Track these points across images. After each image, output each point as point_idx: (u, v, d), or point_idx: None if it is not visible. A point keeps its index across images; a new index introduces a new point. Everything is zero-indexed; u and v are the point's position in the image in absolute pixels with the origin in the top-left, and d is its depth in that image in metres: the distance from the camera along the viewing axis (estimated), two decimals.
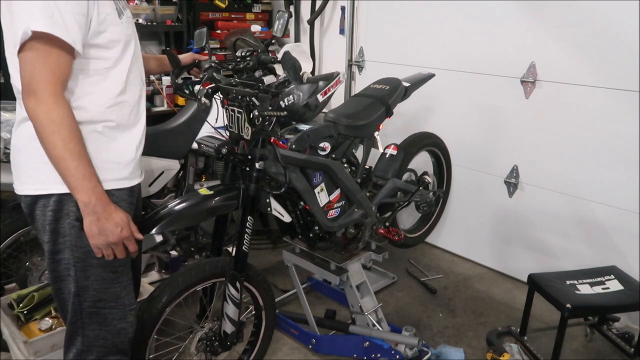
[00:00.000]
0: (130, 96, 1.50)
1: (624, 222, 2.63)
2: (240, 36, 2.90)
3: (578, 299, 2.17)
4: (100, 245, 1.40)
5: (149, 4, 3.52)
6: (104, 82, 1.42)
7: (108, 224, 1.37)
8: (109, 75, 1.42)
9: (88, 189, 1.33)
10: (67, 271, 1.47)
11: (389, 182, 2.43)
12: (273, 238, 3.44)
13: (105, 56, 1.40)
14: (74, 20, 1.27)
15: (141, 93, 1.57)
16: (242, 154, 1.87)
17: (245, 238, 1.87)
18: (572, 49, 2.67)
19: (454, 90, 3.20)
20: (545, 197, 2.93)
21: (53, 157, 1.30)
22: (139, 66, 1.57)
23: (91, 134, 1.40)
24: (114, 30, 1.39)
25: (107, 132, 1.44)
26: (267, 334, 2.19)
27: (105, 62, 1.41)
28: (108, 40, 1.39)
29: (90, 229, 1.37)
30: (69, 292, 1.49)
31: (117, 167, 1.48)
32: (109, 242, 1.40)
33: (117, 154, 1.48)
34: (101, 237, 1.38)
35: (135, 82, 1.52)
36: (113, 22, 1.39)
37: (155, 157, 2.52)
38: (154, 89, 3.40)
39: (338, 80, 1.96)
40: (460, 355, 2.39)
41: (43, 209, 1.42)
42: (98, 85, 1.41)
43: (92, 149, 1.39)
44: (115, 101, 1.44)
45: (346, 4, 3.64)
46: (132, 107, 1.51)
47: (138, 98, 1.54)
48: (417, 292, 3.02)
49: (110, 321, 1.55)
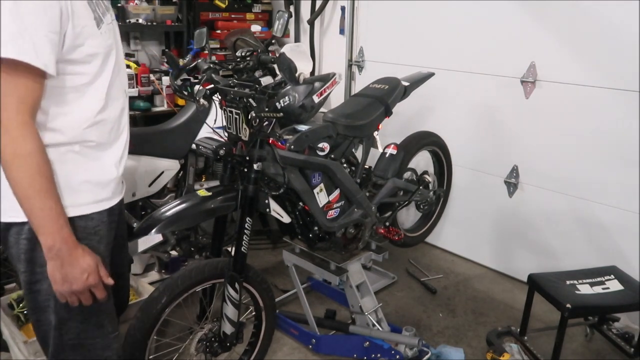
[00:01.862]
0: (111, 112, 1.37)
1: (624, 222, 2.62)
2: (240, 36, 2.90)
3: (578, 299, 2.17)
4: (64, 293, 1.28)
5: (149, 4, 3.52)
6: (81, 99, 1.29)
7: (73, 270, 1.25)
8: (87, 92, 1.30)
9: (53, 231, 1.22)
10: (47, 302, 1.36)
11: (388, 181, 2.42)
12: (273, 238, 3.44)
13: (83, 71, 1.28)
14: (45, 40, 1.15)
15: (123, 106, 1.44)
16: (240, 155, 1.87)
17: (244, 239, 1.87)
18: (572, 49, 2.67)
19: (454, 90, 3.20)
20: (545, 197, 2.93)
21: (17, 194, 1.19)
22: (121, 77, 1.44)
23: (67, 154, 1.29)
24: (92, 44, 1.27)
25: (85, 152, 1.33)
26: (267, 334, 2.19)
27: (82, 78, 1.28)
28: (85, 55, 1.26)
29: (54, 275, 1.25)
30: (49, 324, 1.38)
31: (96, 188, 1.37)
32: (74, 290, 1.28)
33: (96, 173, 1.37)
34: (65, 284, 1.26)
35: (117, 95, 1.39)
36: (91, 34, 1.26)
37: (155, 157, 2.52)
38: (154, 89, 3.40)
39: (334, 81, 1.96)
40: (460, 355, 2.39)
41: (17, 237, 1.30)
42: (75, 104, 1.29)
43: (68, 169, 1.29)
44: (94, 120, 1.32)
45: (346, 4, 3.64)
46: (112, 124, 1.39)
47: (120, 112, 1.42)
48: (417, 292, 3.02)
49: (94, 351, 1.45)
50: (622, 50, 2.48)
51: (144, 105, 3.33)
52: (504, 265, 3.23)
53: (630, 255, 2.62)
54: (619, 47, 2.49)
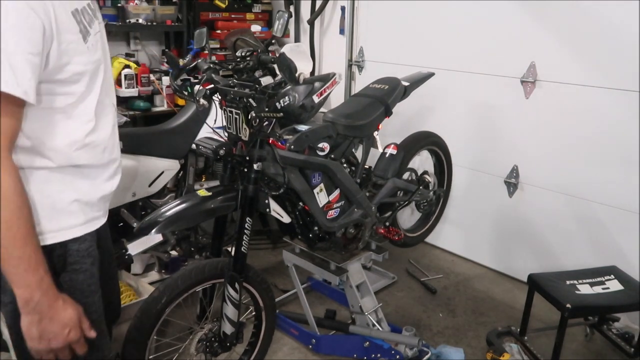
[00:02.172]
0: (101, 133, 1.26)
1: (624, 222, 2.62)
2: (240, 36, 2.90)
3: (578, 299, 2.17)
4: (40, 351, 1.13)
5: (149, 4, 3.52)
6: (68, 121, 1.17)
7: (53, 325, 1.11)
8: (74, 113, 1.18)
9: (32, 283, 1.07)
10: None
11: (389, 181, 2.42)
12: (273, 238, 3.44)
13: (69, 91, 1.15)
14: (25, 63, 1.01)
15: (113, 122, 1.33)
16: (240, 155, 1.87)
17: (244, 239, 1.87)
18: (572, 49, 2.67)
19: (453, 90, 3.20)
20: (545, 197, 2.93)
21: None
22: (110, 91, 1.32)
23: (53, 173, 1.18)
24: (79, 61, 1.14)
25: (74, 171, 1.22)
26: (267, 334, 2.19)
27: (69, 98, 1.16)
28: (72, 74, 1.13)
29: (30, 332, 1.10)
30: None
31: (87, 207, 1.26)
32: (52, 348, 1.13)
33: (86, 192, 1.26)
34: (43, 341, 1.11)
35: (105, 111, 1.28)
36: (77, 50, 1.13)
37: (155, 157, 2.52)
38: (154, 89, 3.40)
39: (334, 81, 1.96)
40: (460, 355, 2.39)
41: None
42: (61, 126, 1.16)
43: (56, 189, 1.19)
44: (83, 142, 1.20)
45: (346, 4, 3.64)
46: (105, 145, 1.28)
47: (111, 130, 1.31)
48: (417, 292, 3.02)
49: None
50: (622, 50, 2.48)
51: (144, 105, 3.33)
52: (504, 265, 3.23)
53: (630, 255, 2.62)
54: (619, 47, 2.49)
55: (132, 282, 2.69)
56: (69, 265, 1.24)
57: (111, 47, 3.91)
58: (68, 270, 1.24)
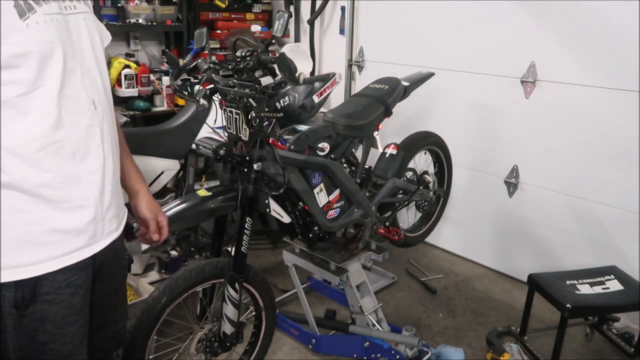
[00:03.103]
0: (71, 132, 1.05)
1: (624, 222, 2.62)
2: (240, 36, 2.90)
3: (578, 299, 2.17)
4: None
5: (149, 4, 3.52)
6: (22, 117, 0.99)
7: None
8: (28, 107, 0.99)
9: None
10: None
11: (388, 181, 2.42)
12: (273, 238, 3.44)
13: (13, 79, 0.97)
14: None
15: (91, 122, 1.11)
16: (240, 155, 1.87)
17: (244, 239, 1.87)
18: (572, 49, 2.67)
19: (454, 90, 3.20)
20: (545, 197, 2.93)
21: None
22: (86, 83, 1.11)
23: (17, 199, 1.00)
24: (15, 40, 0.95)
25: (43, 192, 1.03)
26: (267, 334, 2.19)
27: (15, 88, 0.97)
28: (8, 56, 0.95)
29: None
30: None
31: (68, 236, 1.08)
32: None
33: (65, 217, 1.07)
34: None
35: (80, 109, 1.08)
36: (9, 28, 0.94)
37: (155, 157, 2.52)
38: (154, 89, 3.40)
39: (334, 81, 1.96)
40: (460, 355, 2.39)
41: None
42: (13, 124, 0.98)
43: (24, 219, 1.01)
44: (44, 142, 1.01)
45: (346, 4, 3.64)
46: (76, 146, 1.07)
47: (85, 130, 1.09)
48: (417, 292, 3.02)
49: None
50: (622, 50, 2.48)
51: (144, 105, 3.33)
52: (504, 265, 3.22)
53: (630, 255, 2.62)
54: (619, 47, 2.49)
55: (132, 282, 2.68)
56: (40, 296, 1.08)
57: (111, 47, 3.92)
58: (39, 300, 1.08)
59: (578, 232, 2.83)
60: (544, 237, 2.98)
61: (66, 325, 1.14)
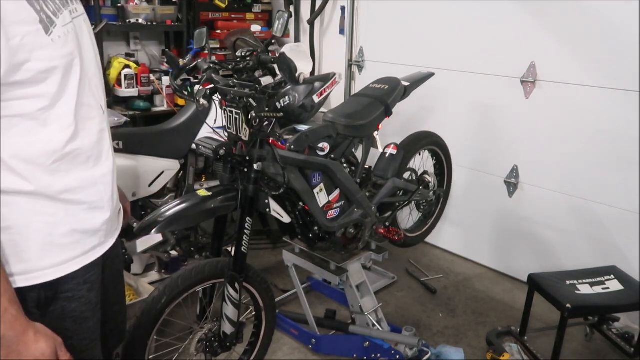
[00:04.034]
0: (85, 140, 1.08)
1: (624, 222, 2.62)
2: (240, 36, 2.90)
3: (578, 299, 2.17)
4: None
5: (149, 4, 3.52)
6: (41, 128, 0.99)
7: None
8: (49, 118, 1.00)
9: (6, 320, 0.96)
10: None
11: (388, 181, 2.42)
12: (273, 238, 3.44)
13: (37, 93, 0.97)
14: None
15: (101, 127, 1.14)
16: (240, 155, 1.87)
17: (244, 239, 1.87)
18: (572, 49, 2.67)
19: (454, 90, 3.20)
20: (545, 197, 2.93)
21: None
22: (96, 90, 1.13)
23: (41, 205, 1.03)
24: (42, 56, 0.95)
25: (65, 197, 1.06)
26: (267, 334, 2.19)
27: (38, 102, 0.98)
28: (36, 73, 0.95)
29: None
30: None
31: (85, 236, 1.12)
32: None
33: (83, 218, 1.11)
34: None
35: (91, 115, 1.10)
36: (38, 44, 0.94)
37: (155, 157, 2.52)
38: (154, 89, 3.40)
39: (334, 81, 1.96)
40: (460, 355, 2.39)
41: None
42: (33, 135, 0.99)
43: (47, 222, 1.04)
44: (62, 153, 1.03)
45: (346, 4, 3.64)
46: (90, 152, 1.11)
47: (97, 136, 1.13)
48: (417, 292, 3.02)
49: None
50: (622, 50, 2.48)
51: (144, 105, 3.33)
52: (504, 265, 3.23)
53: (630, 255, 2.62)
54: (619, 47, 2.49)
55: (132, 282, 2.68)
56: (61, 294, 1.11)
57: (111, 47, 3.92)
58: (60, 298, 1.11)
59: (578, 232, 2.83)
60: (544, 237, 2.98)
61: (84, 320, 1.18)
